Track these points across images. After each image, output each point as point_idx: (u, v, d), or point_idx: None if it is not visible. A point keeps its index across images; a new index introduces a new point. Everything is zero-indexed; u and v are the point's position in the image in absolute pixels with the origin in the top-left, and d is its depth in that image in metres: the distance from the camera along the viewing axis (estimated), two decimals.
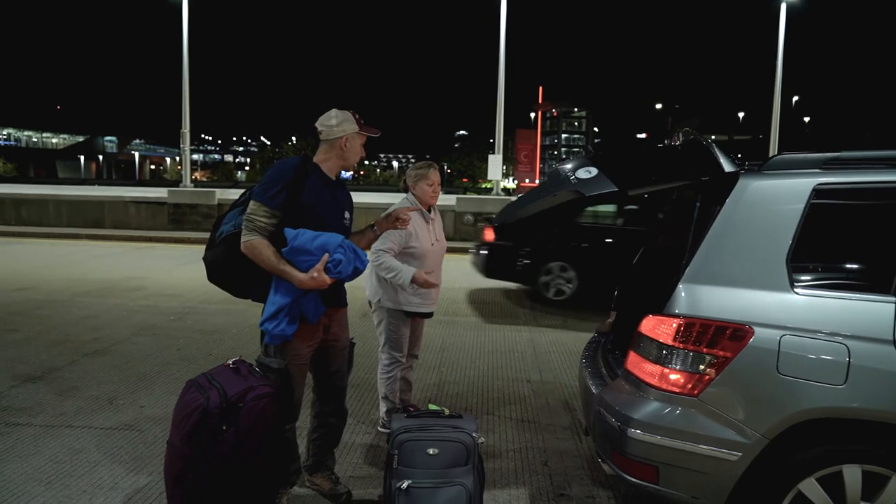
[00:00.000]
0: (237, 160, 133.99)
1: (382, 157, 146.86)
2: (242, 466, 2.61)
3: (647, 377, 2.63)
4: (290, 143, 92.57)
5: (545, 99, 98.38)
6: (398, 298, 3.82)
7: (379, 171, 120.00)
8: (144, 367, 5.35)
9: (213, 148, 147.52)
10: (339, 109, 3.01)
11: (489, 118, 19.67)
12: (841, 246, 3.05)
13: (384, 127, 3.29)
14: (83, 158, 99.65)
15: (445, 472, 2.77)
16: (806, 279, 2.73)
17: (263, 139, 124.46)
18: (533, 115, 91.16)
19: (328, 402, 3.21)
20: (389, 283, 3.77)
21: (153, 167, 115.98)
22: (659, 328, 2.60)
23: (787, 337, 2.42)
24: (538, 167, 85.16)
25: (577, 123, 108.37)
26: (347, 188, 3.17)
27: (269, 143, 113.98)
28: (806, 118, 70.93)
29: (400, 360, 3.97)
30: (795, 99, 56.86)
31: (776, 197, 2.60)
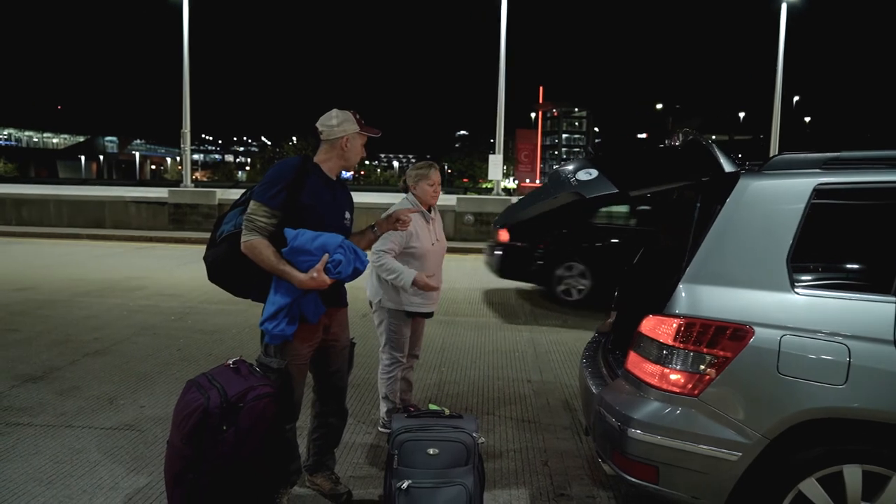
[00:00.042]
0: (238, 160, 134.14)
1: (383, 157, 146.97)
2: (243, 466, 2.62)
3: (647, 377, 2.63)
4: (290, 143, 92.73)
5: (546, 99, 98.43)
6: (399, 298, 3.82)
7: (379, 171, 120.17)
8: (145, 367, 5.36)
9: (213, 148, 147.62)
10: (339, 109, 3.01)
11: (490, 118, 19.68)
12: (841, 246, 3.05)
13: (385, 127, 3.30)
14: (84, 158, 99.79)
15: (446, 472, 2.77)
16: (806, 279, 2.73)
17: (264, 139, 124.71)
18: (533, 115, 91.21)
19: (328, 402, 3.21)
20: (390, 283, 3.77)
21: (154, 167, 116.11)
22: (659, 328, 2.60)
23: (787, 337, 2.42)
24: (539, 167, 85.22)
25: (577, 123, 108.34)
26: (348, 188, 3.17)
27: (269, 143, 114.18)
28: (807, 118, 70.93)
29: (401, 360, 3.97)
30: (796, 99, 56.92)
31: (777, 197, 2.60)
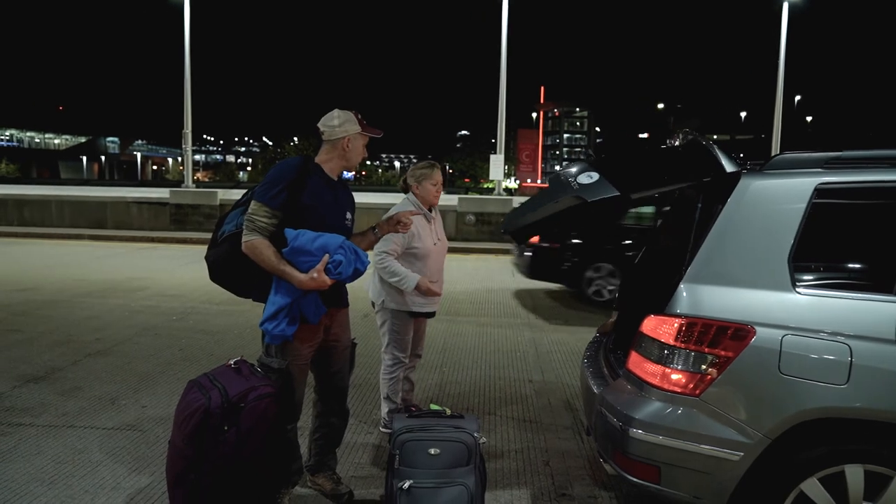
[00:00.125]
0: (239, 160, 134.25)
1: (384, 157, 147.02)
2: (244, 466, 2.62)
3: (648, 377, 2.62)
4: (291, 143, 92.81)
5: (547, 99, 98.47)
6: (402, 299, 3.82)
7: (381, 171, 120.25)
8: (146, 367, 5.36)
9: (215, 148, 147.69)
10: (341, 110, 3.01)
11: (491, 118, 19.71)
12: (843, 246, 3.05)
13: (386, 127, 3.30)
14: (85, 159, 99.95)
15: (447, 472, 2.77)
16: (808, 279, 2.73)
17: (265, 139, 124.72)
18: (535, 114, 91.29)
19: (330, 402, 3.21)
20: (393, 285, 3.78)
21: (155, 168, 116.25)
22: (660, 328, 2.60)
23: (788, 337, 2.41)
24: (540, 167, 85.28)
25: (578, 123, 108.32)
26: (350, 189, 3.17)
27: (270, 143, 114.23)
28: (808, 117, 70.87)
29: (403, 360, 3.97)
30: (798, 98, 56.85)
31: (778, 196, 2.60)
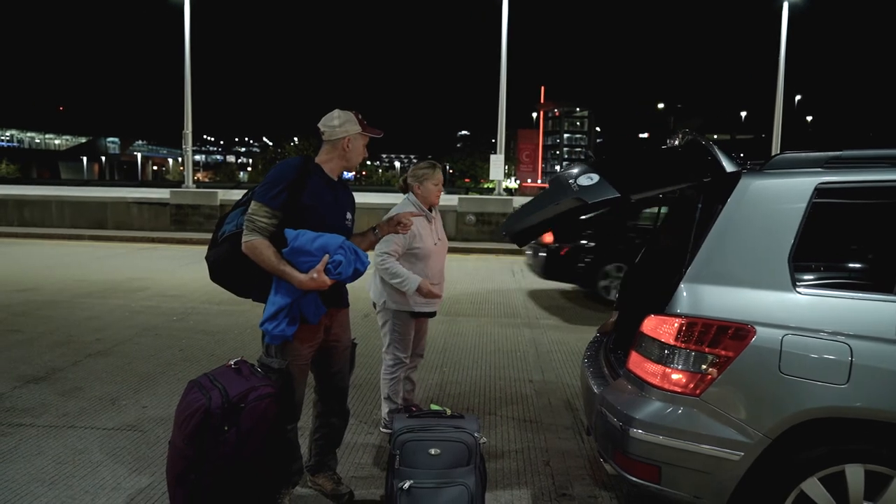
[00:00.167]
0: (239, 161, 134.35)
1: (384, 157, 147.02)
2: (244, 467, 2.62)
3: (649, 377, 2.62)
4: (292, 143, 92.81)
5: (547, 99, 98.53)
6: (403, 299, 3.82)
7: (381, 171, 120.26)
8: (147, 367, 5.36)
9: (215, 149, 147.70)
10: (341, 110, 3.01)
11: (491, 118, 19.71)
12: (843, 245, 3.04)
13: (386, 127, 3.30)
14: (86, 159, 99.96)
15: (447, 472, 2.77)
16: (808, 278, 2.73)
17: (266, 140, 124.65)
18: (535, 114, 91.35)
19: (330, 402, 3.21)
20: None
21: (155, 168, 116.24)
22: (661, 328, 2.60)
23: (789, 336, 2.41)
24: (540, 167, 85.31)
25: (579, 123, 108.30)
26: (350, 189, 3.17)
27: (271, 143, 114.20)
28: (808, 117, 70.85)
29: (404, 360, 3.97)
30: (798, 98, 56.85)
31: (778, 196, 2.60)
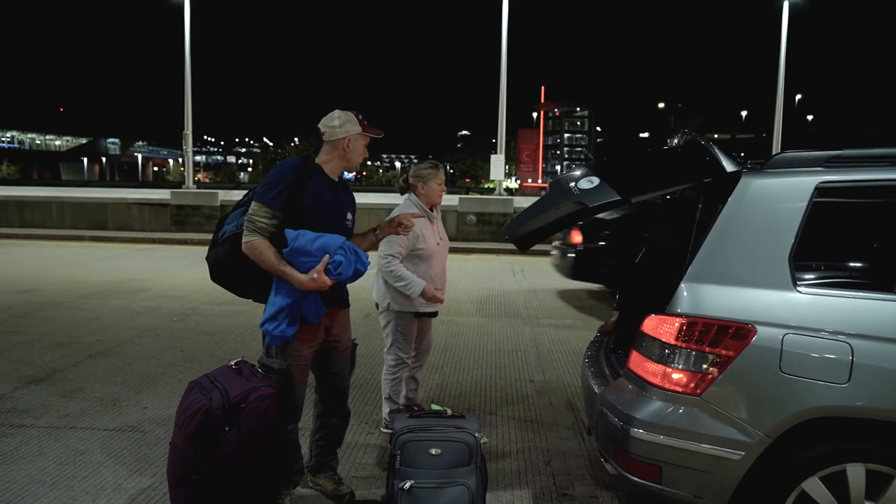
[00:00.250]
0: (240, 161, 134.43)
1: (385, 157, 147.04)
2: (245, 467, 2.62)
3: (649, 377, 2.62)
4: (292, 143, 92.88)
5: (547, 98, 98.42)
6: (407, 300, 3.82)
7: (381, 171, 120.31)
8: (148, 368, 5.36)
9: (215, 149, 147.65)
10: (341, 110, 3.01)
11: (491, 118, 19.72)
12: (844, 244, 3.04)
13: (387, 127, 3.29)
14: (86, 160, 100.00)
15: (448, 472, 2.77)
16: (809, 278, 2.73)
17: (266, 140, 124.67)
18: (535, 114, 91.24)
19: (330, 402, 3.21)
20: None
21: (156, 169, 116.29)
22: (661, 327, 2.60)
23: (789, 336, 2.41)
24: (541, 167, 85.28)
25: (579, 123, 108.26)
26: (351, 189, 3.17)
27: (271, 144, 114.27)
28: (809, 116, 70.86)
29: (406, 361, 3.98)
30: (798, 97, 56.89)
31: (778, 195, 2.59)
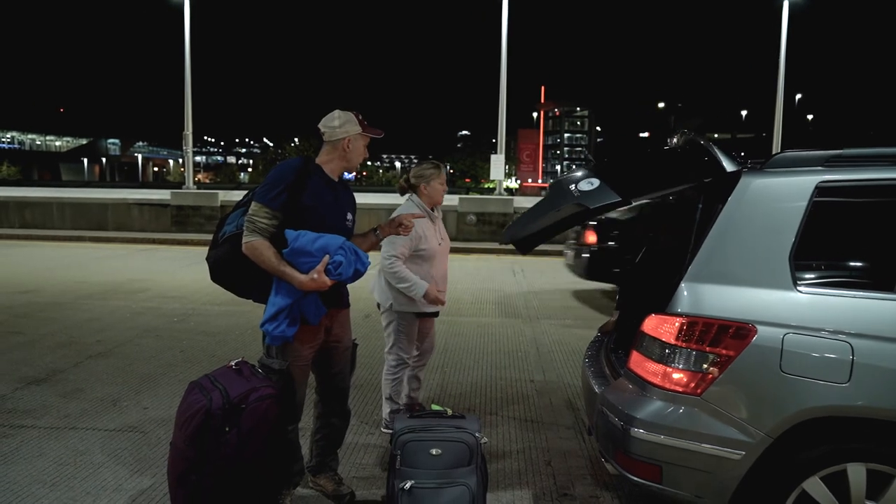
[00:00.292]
0: (240, 162, 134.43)
1: (385, 157, 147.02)
2: (245, 467, 2.62)
3: (650, 376, 2.62)
4: (292, 144, 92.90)
5: (547, 98, 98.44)
6: (410, 301, 3.83)
7: (382, 171, 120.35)
8: (148, 368, 5.36)
9: (215, 150, 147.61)
10: (341, 110, 3.01)
11: (491, 118, 19.72)
12: (844, 244, 3.03)
13: (387, 127, 3.29)
14: (86, 161, 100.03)
15: (448, 472, 2.77)
16: (809, 277, 2.73)
17: (266, 140, 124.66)
18: (535, 114, 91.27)
19: (331, 403, 3.21)
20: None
21: (156, 169, 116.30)
22: (662, 327, 2.60)
23: (790, 335, 2.41)
24: (541, 167, 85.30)
25: (579, 123, 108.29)
26: (351, 189, 3.17)
27: (271, 144, 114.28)
28: (809, 116, 70.87)
29: (407, 361, 3.98)
30: (798, 97, 56.89)
31: (778, 195, 2.59)
